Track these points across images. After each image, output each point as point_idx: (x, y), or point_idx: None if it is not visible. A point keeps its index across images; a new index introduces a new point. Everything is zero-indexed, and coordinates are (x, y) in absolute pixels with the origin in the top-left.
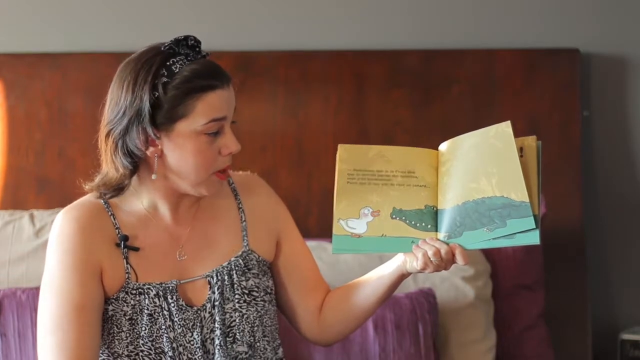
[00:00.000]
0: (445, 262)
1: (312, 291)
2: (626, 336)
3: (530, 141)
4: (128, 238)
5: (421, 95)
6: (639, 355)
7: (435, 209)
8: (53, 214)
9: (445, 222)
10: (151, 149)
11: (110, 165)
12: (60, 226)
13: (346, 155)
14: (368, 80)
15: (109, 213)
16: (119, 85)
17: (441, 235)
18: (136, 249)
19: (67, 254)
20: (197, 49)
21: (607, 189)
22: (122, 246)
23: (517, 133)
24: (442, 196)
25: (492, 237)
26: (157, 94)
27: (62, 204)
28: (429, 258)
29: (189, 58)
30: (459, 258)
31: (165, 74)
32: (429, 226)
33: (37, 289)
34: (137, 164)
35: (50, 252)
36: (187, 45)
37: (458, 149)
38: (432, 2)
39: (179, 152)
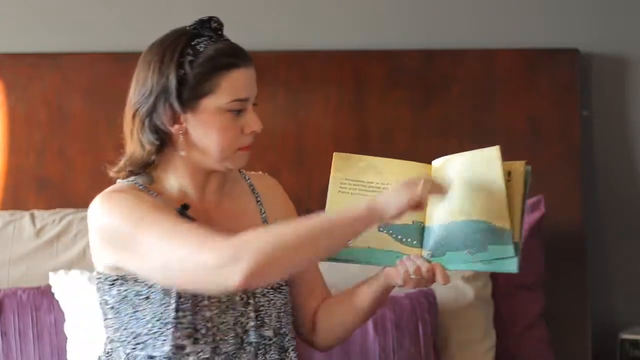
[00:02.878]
0: (425, 280)
1: (314, 295)
2: (626, 336)
3: (518, 166)
4: (189, 207)
5: (421, 95)
6: (638, 355)
7: (422, 225)
8: (53, 214)
9: (430, 240)
10: (176, 126)
11: (136, 144)
12: (109, 201)
13: (340, 164)
14: (368, 80)
15: (154, 195)
16: (144, 67)
17: (425, 252)
18: (193, 219)
19: (135, 206)
20: (220, 32)
21: (607, 189)
22: (182, 215)
23: (518, 133)
24: (430, 213)
25: (472, 260)
26: (183, 71)
27: (62, 204)
28: (409, 275)
29: (212, 39)
30: (439, 277)
31: (191, 52)
32: (414, 242)
33: (38, 288)
34: (163, 140)
35: (103, 224)
36: (210, 28)
37: (449, 168)
38: (432, 2)
39: (204, 129)
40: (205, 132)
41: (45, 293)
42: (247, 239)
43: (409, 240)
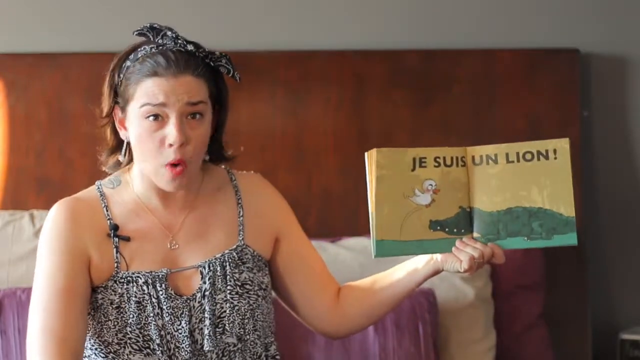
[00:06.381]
0: (484, 262)
1: (326, 285)
2: (626, 336)
3: (564, 143)
4: (118, 227)
5: (421, 95)
6: (638, 355)
7: (469, 209)
8: None
9: (484, 224)
10: (123, 131)
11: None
12: (53, 216)
13: (383, 160)
14: (368, 80)
15: (103, 205)
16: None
17: (477, 235)
18: (127, 239)
19: (56, 241)
20: (178, 42)
21: (607, 189)
22: (112, 235)
23: (518, 133)
24: (482, 197)
25: (531, 244)
26: (121, 76)
27: None
28: (475, 260)
29: (159, 47)
30: (497, 258)
31: (131, 58)
32: (463, 230)
33: None
34: (120, 142)
35: (41, 239)
36: (163, 36)
37: (510, 155)
38: (432, 2)
39: (132, 137)
40: (133, 140)
41: None
42: None
43: (462, 230)
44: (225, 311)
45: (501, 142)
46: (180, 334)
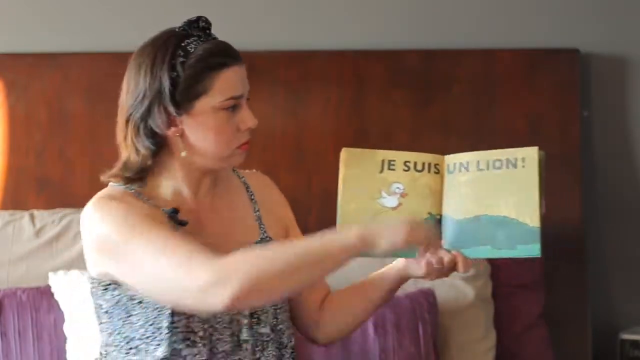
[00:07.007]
0: (447, 270)
1: (316, 289)
2: (626, 336)
3: (532, 152)
4: (178, 211)
5: (421, 95)
6: (638, 355)
7: (439, 216)
8: (53, 214)
9: (451, 232)
10: (172, 129)
11: (131, 149)
12: (102, 205)
13: (350, 160)
14: (368, 80)
15: (144, 199)
16: (136, 70)
17: (445, 243)
18: (185, 223)
19: (124, 214)
20: (208, 31)
21: (607, 189)
22: (174, 219)
23: (518, 133)
24: (450, 204)
25: (496, 254)
26: (176, 73)
27: (62, 204)
28: (433, 266)
29: (201, 39)
30: (460, 267)
31: (182, 54)
32: None
33: (37, 289)
34: (159, 144)
35: (100, 228)
36: (198, 27)
37: (481, 163)
38: (432, 2)
39: (201, 130)
40: (202, 133)
41: (44, 293)
42: (235, 261)
43: None
44: None
45: (501, 142)
46: (221, 325)
